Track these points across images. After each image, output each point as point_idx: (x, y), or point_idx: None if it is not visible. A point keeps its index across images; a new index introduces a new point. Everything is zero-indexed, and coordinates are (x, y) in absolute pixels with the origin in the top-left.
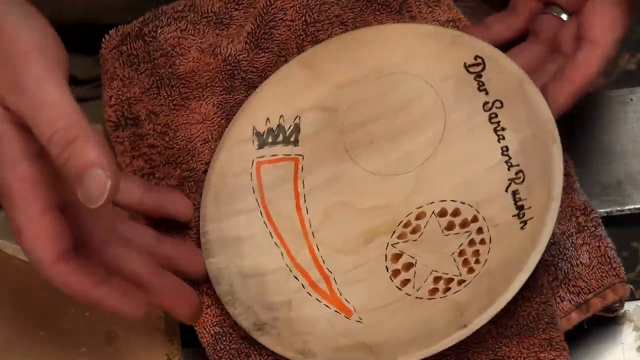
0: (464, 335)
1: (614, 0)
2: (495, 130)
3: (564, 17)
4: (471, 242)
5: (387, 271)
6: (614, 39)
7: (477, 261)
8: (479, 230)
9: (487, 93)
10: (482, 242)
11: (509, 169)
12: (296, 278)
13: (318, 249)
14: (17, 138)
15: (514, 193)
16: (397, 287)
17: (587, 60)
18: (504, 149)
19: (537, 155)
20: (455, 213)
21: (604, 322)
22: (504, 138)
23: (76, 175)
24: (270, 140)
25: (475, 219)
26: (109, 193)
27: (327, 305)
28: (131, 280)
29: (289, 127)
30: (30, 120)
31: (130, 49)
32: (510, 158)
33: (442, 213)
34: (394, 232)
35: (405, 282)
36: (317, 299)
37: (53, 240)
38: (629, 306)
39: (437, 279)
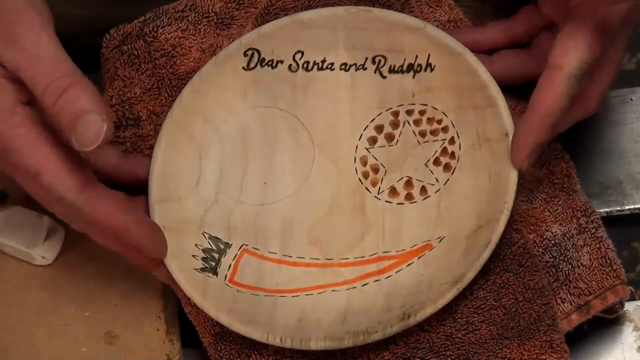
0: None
1: (591, 24)
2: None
3: None
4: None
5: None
6: (578, 60)
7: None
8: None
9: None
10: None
11: None
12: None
13: (347, 258)
14: (9, 89)
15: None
16: None
17: (548, 84)
18: None
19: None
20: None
21: (604, 323)
22: None
23: (70, 121)
24: (212, 264)
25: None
26: (105, 135)
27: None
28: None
29: (210, 245)
30: (25, 74)
31: (131, 48)
32: None
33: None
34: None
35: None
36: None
37: (75, 168)
38: (629, 306)
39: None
